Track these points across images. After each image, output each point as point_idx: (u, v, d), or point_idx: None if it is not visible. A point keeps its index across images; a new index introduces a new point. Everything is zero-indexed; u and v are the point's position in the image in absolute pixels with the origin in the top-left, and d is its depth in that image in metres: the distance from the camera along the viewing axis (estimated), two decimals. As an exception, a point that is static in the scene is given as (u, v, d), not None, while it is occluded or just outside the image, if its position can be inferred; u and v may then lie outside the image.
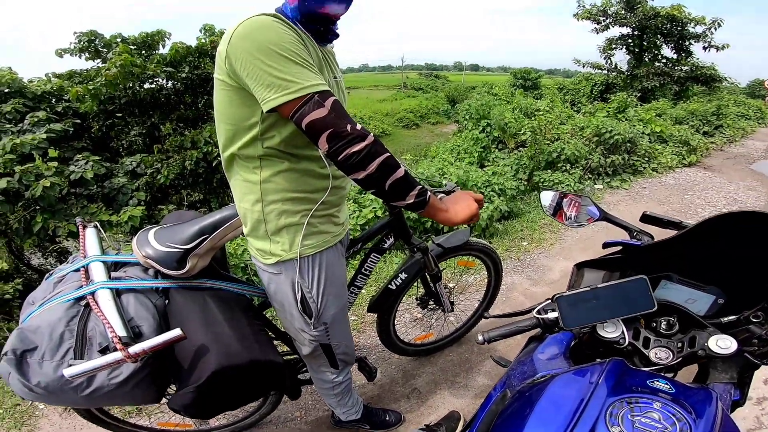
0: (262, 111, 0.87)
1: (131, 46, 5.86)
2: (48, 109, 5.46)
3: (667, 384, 0.72)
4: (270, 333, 1.36)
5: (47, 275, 1.08)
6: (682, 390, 0.72)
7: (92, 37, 5.95)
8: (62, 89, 5.87)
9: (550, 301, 0.89)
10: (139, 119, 6.03)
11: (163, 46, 6.22)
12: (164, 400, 1.12)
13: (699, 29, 12.74)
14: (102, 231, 1.15)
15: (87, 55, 6.01)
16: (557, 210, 1.22)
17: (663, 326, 0.88)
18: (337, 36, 1.03)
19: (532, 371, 0.85)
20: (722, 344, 0.78)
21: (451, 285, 2.06)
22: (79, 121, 5.67)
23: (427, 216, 1.02)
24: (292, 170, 0.99)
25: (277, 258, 1.04)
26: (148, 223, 5.43)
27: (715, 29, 12.55)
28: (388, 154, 0.89)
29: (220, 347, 0.93)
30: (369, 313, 2.37)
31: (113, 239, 5.56)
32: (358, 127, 0.86)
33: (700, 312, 0.91)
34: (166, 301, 1.05)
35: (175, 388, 1.01)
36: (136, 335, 0.92)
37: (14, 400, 1.94)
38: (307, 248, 1.05)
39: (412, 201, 0.94)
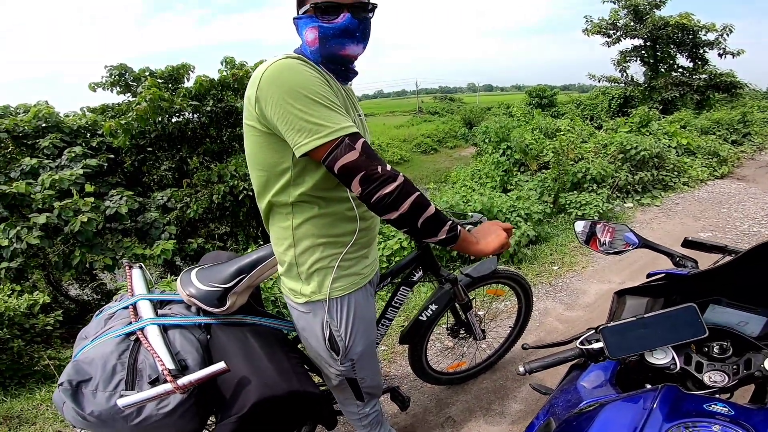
0: (294, 156, 0.89)
1: (158, 80, 6.13)
2: (83, 144, 5.72)
3: (725, 407, 0.69)
4: (305, 365, 1.38)
5: (97, 312, 1.15)
6: (741, 411, 0.68)
7: (122, 71, 6.23)
8: (96, 123, 6.15)
9: (593, 331, 0.87)
10: (169, 153, 6.26)
11: (188, 80, 6.48)
12: (205, 431, 1.14)
13: (711, 36, 12.64)
14: (147, 271, 1.23)
15: (118, 89, 6.30)
16: (590, 237, 1.21)
17: (716, 350, 0.85)
18: (356, 74, 1.07)
19: (577, 399, 0.83)
20: None
21: (481, 313, 2.09)
22: (112, 156, 5.93)
23: (459, 249, 1.02)
24: (321, 215, 1.01)
25: (307, 298, 1.07)
26: (178, 257, 5.58)
27: (727, 35, 12.43)
28: (419, 193, 0.91)
29: (261, 379, 0.97)
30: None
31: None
32: (388, 168, 0.88)
33: (753, 333, 0.88)
34: (209, 337, 1.11)
35: (215, 419, 1.05)
36: (182, 368, 0.97)
37: (55, 427, 1.98)
38: (336, 290, 1.08)
39: (444, 237, 0.96)
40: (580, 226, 1.24)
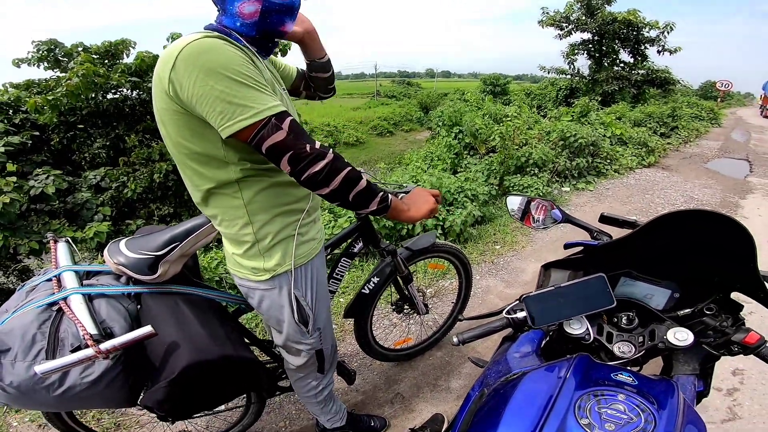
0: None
1: (93, 56, 5.65)
2: (5, 121, 5.22)
3: (630, 377, 0.76)
4: (245, 339, 1.38)
5: (19, 287, 1.09)
6: (645, 382, 0.76)
7: (52, 46, 5.71)
8: (19, 100, 5.63)
9: (518, 301, 0.93)
10: (103, 131, 5.82)
11: (128, 56, 6.01)
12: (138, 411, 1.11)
13: (653, 33, 13.54)
14: (73, 245, 1.17)
15: (46, 64, 5.76)
16: (524, 214, 1.28)
17: (624, 321, 0.93)
18: (277, 46, 1.05)
19: (507, 369, 0.88)
20: (680, 336, 0.82)
21: (427, 290, 2.11)
22: (37, 134, 5.43)
23: (392, 218, 1.06)
24: (273, 185, 1.00)
25: (272, 273, 1.04)
26: (115, 239, 5.25)
27: (668, 33, 13.37)
28: (349, 168, 0.92)
29: (191, 343, 0.96)
30: (348, 322, 2.40)
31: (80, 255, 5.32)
32: (317, 145, 0.88)
33: (658, 306, 0.97)
34: (138, 306, 1.08)
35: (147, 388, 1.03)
36: (107, 335, 0.94)
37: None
38: (299, 258, 1.07)
39: (375, 207, 0.99)
40: (515, 202, 1.29)
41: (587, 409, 0.69)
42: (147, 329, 0.90)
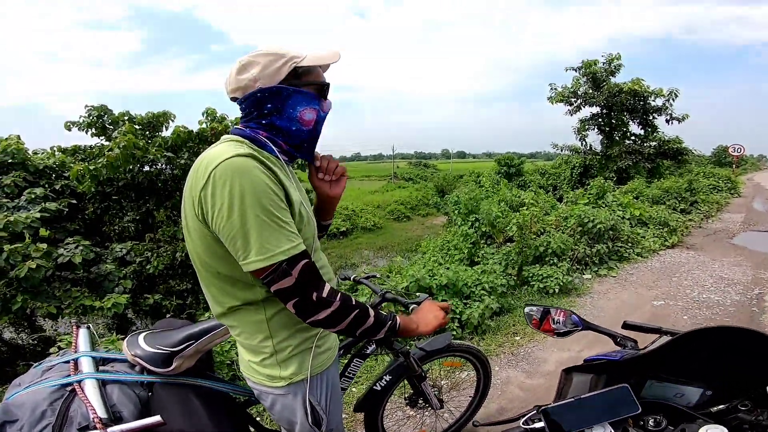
0: None
1: (136, 126, 5.90)
2: (46, 186, 5.43)
3: None
4: (252, 429, 1.37)
5: (36, 364, 1.11)
6: None
7: (102, 113, 6.05)
8: (64, 165, 5.86)
9: (535, 410, 0.90)
10: (135, 204, 6.04)
11: (167, 128, 6.30)
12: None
13: (659, 102, 13.90)
14: (94, 332, 1.22)
15: (93, 130, 6.05)
16: (543, 320, 1.28)
17: (651, 424, 0.88)
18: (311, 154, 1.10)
19: None
20: None
21: (442, 382, 2.11)
22: (74, 201, 5.63)
23: (401, 336, 1.08)
24: None
25: (288, 381, 1.03)
26: (131, 311, 5.23)
27: (673, 100, 13.71)
28: (356, 312, 0.94)
29: None
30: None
31: (94, 323, 5.28)
32: (325, 292, 0.90)
33: (690, 403, 0.93)
34: (149, 393, 1.09)
35: None
36: (116, 419, 0.95)
37: None
38: (316, 368, 1.06)
39: (383, 336, 1.01)
40: (530, 310, 1.32)
41: None
42: (156, 418, 0.92)
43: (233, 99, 1.00)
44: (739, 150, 19.11)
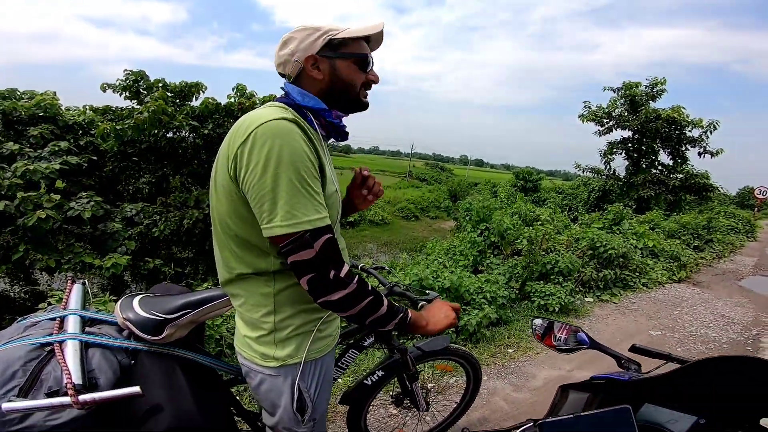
0: None
1: (168, 93, 6.07)
2: (71, 140, 5.56)
3: None
4: (233, 410, 1.33)
5: (19, 318, 1.07)
6: None
7: (138, 77, 6.18)
8: (92, 123, 6.01)
9: (532, 424, 0.87)
10: (153, 167, 6.15)
11: (197, 98, 6.43)
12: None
13: (696, 133, 13.20)
14: (89, 289, 1.17)
15: (127, 94, 6.20)
16: (546, 334, 1.26)
17: None
18: (347, 137, 1.07)
19: None
20: None
21: (429, 385, 2.09)
22: (95, 158, 5.76)
23: (409, 332, 1.04)
24: None
25: (282, 362, 1.01)
26: (129, 273, 5.29)
27: (711, 132, 12.99)
28: (370, 298, 0.91)
29: (177, 410, 0.92)
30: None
31: (89, 282, 5.35)
32: (343, 272, 0.87)
33: (682, 431, 0.90)
34: (133, 362, 1.04)
35: None
36: (91, 386, 0.91)
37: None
38: (313, 353, 1.04)
39: (391, 328, 0.99)
40: (537, 323, 1.30)
41: None
42: (134, 389, 0.86)
43: (281, 74, 1.02)
44: (765, 193, 18.52)
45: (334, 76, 0.96)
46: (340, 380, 2.62)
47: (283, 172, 0.81)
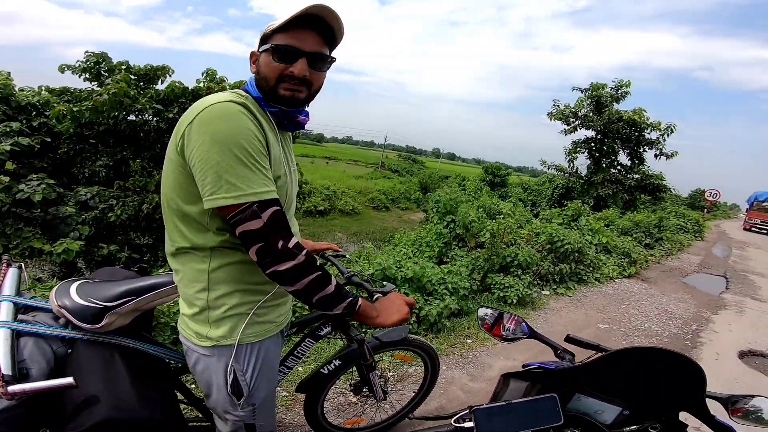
0: None
1: (132, 76, 5.87)
2: (23, 121, 5.32)
3: None
4: (182, 397, 1.32)
5: None
6: None
7: (100, 59, 5.96)
8: (47, 104, 5.76)
9: (468, 410, 0.93)
10: (111, 150, 5.90)
11: (162, 82, 6.24)
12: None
13: (654, 135, 14.07)
14: (25, 273, 1.12)
15: (87, 75, 5.97)
16: (494, 326, 1.31)
17: None
18: (300, 127, 1.09)
19: None
20: None
21: (390, 374, 2.11)
22: (49, 140, 5.49)
23: (358, 321, 1.06)
24: (242, 262, 0.99)
25: (214, 342, 1.01)
26: (82, 260, 5.07)
27: (668, 135, 13.87)
28: (318, 273, 0.93)
29: (113, 400, 0.90)
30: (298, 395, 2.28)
31: (38, 268, 5.08)
32: (291, 243, 0.89)
33: (606, 422, 0.98)
34: (69, 350, 1.01)
35: None
36: (22, 376, 0.88)
37: None
38: (248, 336, 1.04)
39: (340, 311, 0.99)
40: (486, 313, 1.34)
41: None
42: (67, 380, 0.85)
43: None
44: (714, 195, 19.32)
45: (258, 70, 1.00)
46: (300, 368, 2.63)
47: (228, 147, 0.84)
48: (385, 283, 1.55)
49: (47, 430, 0.94)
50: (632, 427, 0.96)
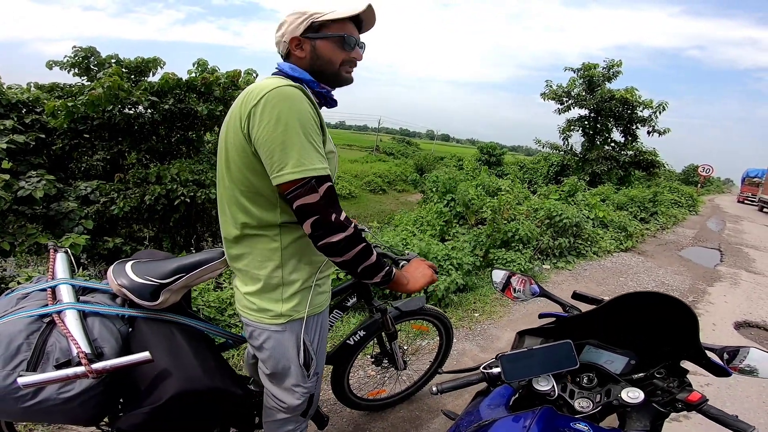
0: None
1: (123, 69, 5.79)
2: (16, 119, 5.24)
3: (586, 426, 0.85)
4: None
5: (7, 292, 1.06)
6: (596, 430, 0.85)
7: (89, 54, 5.86)
8: (38, 101, 5.67)
9: (494, 359, 1.01)
10: (107, 144, 5.84)
11: (154, 74, 6.18)
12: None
13: (646, 113, 14.31)
14: (72, 257, 1.16)
15: (76, 70, 5.88)
16: (506, 286, 1.39)
17: (585, 381, 1.04)
18: (336, 104, 1.16)
19: (478, 419, 0.94)
20: (632, 395, 0.93)
21: (405, 347, 2.19)
22: (43, 136, 5.41)
23: (390, 288, 1.13)
24: (305, 236, 1.03)
25: (288, 318, 1.07)
26: (85, 254, 5.09)
27: (660, 113, 14.14)
28: (365, 245, 1.00)
29: (182, 372, 0.96)
30: (324, 367, 2.40)
31: (44, 266, 5.09)
32: (342, 217, 0.96)
33: (616, 370, 1.07)
34: (130, 329, 1.06)
35: (120, 411, 1.01)
36: (97, 355, 0.93)
37: None
38: (315, 307, 1.12)
39: (379, 280, 1.06)
40: (498, 275, 1.42)
41: None
42: (145, 355, 0.90)
43: (279, 53, 1.11)
44: (707, 171, 19.90)
45: (315, 55, 1.05)
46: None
47: (292, 127, 0.90)
48: (405, 251, 1.61)
49: (128, 407, 0.99)
50: (640, 374, 1.03)
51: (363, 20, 1.09)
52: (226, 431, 1.48)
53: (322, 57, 1.05)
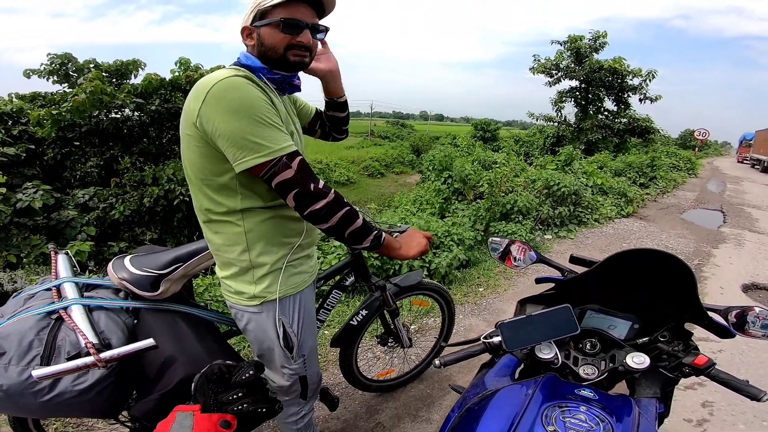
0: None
1: (103, 73, 5.75)
2: (2, 132, 5.23)
3: (592, 393, 0.86)
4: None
5: (14, 294, 1.10)
6: (605, 398, 0.85)
7: (65, 60, 5.81)
8: (21, 111, 5.66)
9: (495, 329, 1.02)
10: (98, 150, 5.82)
11: (136, 76, 6.15)
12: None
13: (636, 81, 14.35)
14: (73, 258, 1.20)
15: (55, 78, 5.84)
16: (505, 255, 1.38)
17: (588, 347, 1.03)
18: (297, 90, 1.17)
19: (483, 390, 0.95)
20: (637, 360, 0.92)
21: (412, 327, 2.20)
22: (33, 147, 5.42)
23: (384, 254, 1.15)
24: (273, 218, 1.08)
25: (262, 299, 1.10)
26: (92, 261, 5.12)
27: (650, 80, 14.19)
28: (348, 208, 1.03)
29: (188, 357, 0.99)
30: (332, 352, 2.44)
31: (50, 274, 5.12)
32: (321, 185, 0.99)
33: (620, 336, 1.07)
34: (135, 321, 1.10)
35: (133, 400, 1.04)
36: (105, 346, 0.96)
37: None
38: (289, 288, 1.14)
39: (369, 244, 1.09)
40: (497, 243, 1.39)
41: (553, 418, 0.77)
42: (149, 341, 0.93)
43: None
44: (704, 134, 19.92)
45: (260, 42, 1.06)
46: (326, 332, 2.77)
47: (245, 114, 0.92)
48: (400, 225, 1.62)
49: (139, 395, 1.02)
50: (644, 339, 1.03)
51: (324, 5, 1.09)
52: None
53: (266, 44, 1.05)
